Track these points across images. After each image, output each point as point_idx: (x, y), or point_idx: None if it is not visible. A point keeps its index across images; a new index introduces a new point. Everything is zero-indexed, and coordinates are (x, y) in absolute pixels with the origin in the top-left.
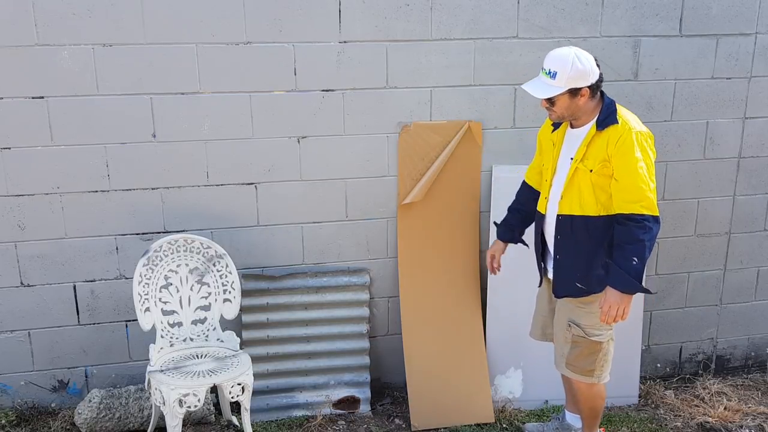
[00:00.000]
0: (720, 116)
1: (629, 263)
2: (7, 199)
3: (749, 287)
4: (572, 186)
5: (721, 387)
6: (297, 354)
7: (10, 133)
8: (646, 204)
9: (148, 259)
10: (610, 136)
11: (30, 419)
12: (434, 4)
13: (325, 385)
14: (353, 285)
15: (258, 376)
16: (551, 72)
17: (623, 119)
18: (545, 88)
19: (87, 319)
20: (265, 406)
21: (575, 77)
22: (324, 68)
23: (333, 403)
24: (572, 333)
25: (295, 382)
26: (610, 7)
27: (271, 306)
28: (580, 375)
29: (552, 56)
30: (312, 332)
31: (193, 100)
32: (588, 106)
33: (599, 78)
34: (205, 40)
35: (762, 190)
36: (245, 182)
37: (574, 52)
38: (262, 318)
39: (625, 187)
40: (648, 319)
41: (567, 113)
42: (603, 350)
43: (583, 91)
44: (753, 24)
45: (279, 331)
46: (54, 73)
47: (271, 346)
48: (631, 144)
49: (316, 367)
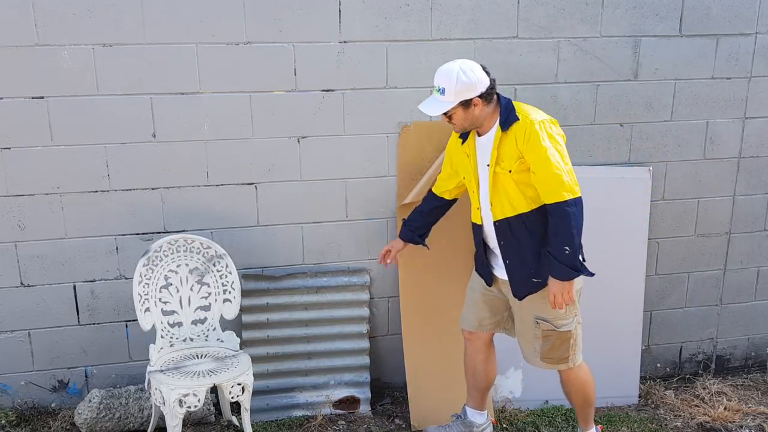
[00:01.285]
0: (720, 116)
1: (562, 253)
2: (7, 199)
3: (749, 287)
4: (497, 190)
5: (721, 387)
6: (297, 354)
7: (10, 133)
8: (566, 188)
9: (148, 259)
10: (516, 133)
11: (30, 419)
12: (434, 4)
13: (325, 385)
14: (353, 285)
15: (258, 376)
16: (440, 89)
17: (523, 113)
18: (437, 104)
19: (87, 319)
20: (265, 406)
21: (462, 90)
22: (324, 68)
23: (333, 403)
24: (541, 329)
25: (295, 382)
26: (610, 7)
27: (271, 306)
28: (557, 364)
29: (439, 73)
30: (312, 332)
31: (193, 100)
32: (485, 113)
33: (490, 85)
34: (205, 40)
35: (762, 190)
36: (245, 182)
37: (459, 65)
38: (262, 318)
39: (543, 178)
40: (648, 319)
41: (467, 124)
42: (573, 337)
43: (475, 101)
44: (753, 24)
45: (279, 331)
46: (54, 73)
47: (271, 346)
48: (537, 135)
49: (316, 367)
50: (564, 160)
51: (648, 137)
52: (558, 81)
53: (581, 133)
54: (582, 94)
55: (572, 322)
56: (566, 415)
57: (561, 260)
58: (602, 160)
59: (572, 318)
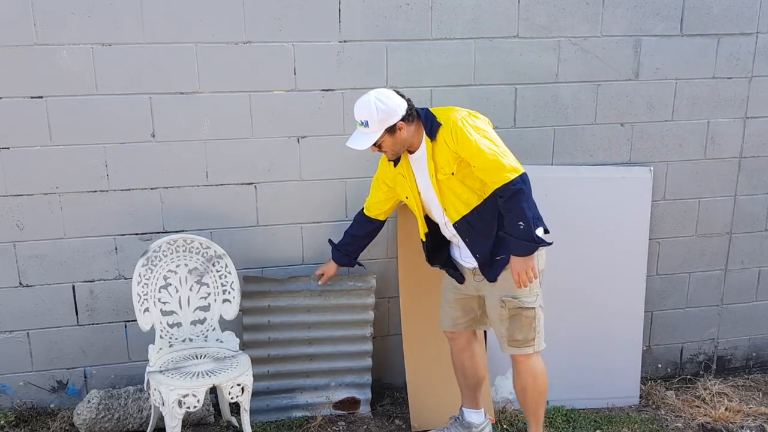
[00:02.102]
0: (721, 116)
1: (517, 229)
2: (5, 199)
3: (750, 287)
4: (446, 195)
5: (722, 387)
6: (298, 356)
7: (9, 133)
8: (507, 170)
9: (147, 259)
10: (444, 137)
11: (29, 420)
12: (434, 3)
13: (325, 387)
14: (358, 289)
15: (259, 378)
16: (363, 122)
17: (444, 116)
18: (364, 138)
19: (86, 319)
20: (265, 407)
21: (385, 118)
22: (324, 68)
23: (333, 404)
24: (507, 307)
25: (295, 384)
26: (610, 7)
27: (272, 308)
28: (524, 347)
29: (357, 107)
30: (314, 335)
31: (192, 100)
32: (410, 132)
33: (408, 106)
34: (205, 39)
35: (763, 190)
36: (245, 182)
37: (374, 95)
38: (264, 320)
39: (483, 167)
40: (649, 320)
41: (397, 148)
42: (537, 316)
43: (399, 125)
44: (754, 23)
45: (280, 333)
46: (53, 73)
47: (272, 348)
48: (462, 131)
49: (317, 369)
50: (495, 144)
51: (649, 137)
52: (558, 80)
53: (582, 133)
54: (583, 93)
55: (536, 300)
56: (567, 416)
57: (518, 236)
58: (603, 160)
59: (535, 297)
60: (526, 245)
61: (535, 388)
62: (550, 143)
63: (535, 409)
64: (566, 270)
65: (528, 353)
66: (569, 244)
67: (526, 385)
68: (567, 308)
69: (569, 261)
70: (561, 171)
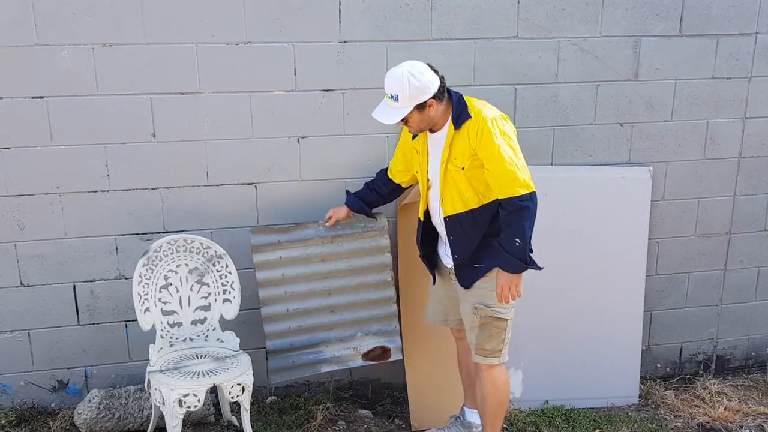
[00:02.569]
0: (720, 116)
1: (513, 245)
2: (6, 199)
3: (749, 287)
4: (448, 187)
5: (722, 387)
6: (319, 308)
7: (10, 133)
8: (520, 184)
9: (147, 259)
10: (468, 131)
11: (30, 419)
12: (434, 4)
13: (351, 338)
14: (369, 230)
15: (280, 335)
16: (393, 95)
17: (476, 110)
18: (392, 112)
19: (87, 319)
20: (291, 364)
21: (416, 94)
22: (324, 68)
23: (362, 355)
24: (479, 315)
25: (319, 337)
26: (610, 7)
27: (285, 260)
28: (490, 357)
29: (389, 79)
30: (332, 285)
31: (192, 100)
32: (439, 112)
33: (441, 83)
34: (205, 40)
35: (762, 190)
36: (245, 182)
37: (407, 69)
38: (278, 274)
39: (497, 174)
40: (648, 319)
41: (423, 125)
42: (507, 328)
43: (429, 102)
44: (753, 24)
45: (297, 286)
46: (54, 73)
47: (290, 303)
48: (489, 132)
49: (340, 320)
50: (517, 155)
51: (648, 137)
52: (558, 81)
53: (581, 133)
54: (582, 94)
55: (509, 311)
56: (566, 415)
57: (511, 252)
58: (602, 160)
59: (510, 309)
60: (517, 263)
61: (495, 397)
62: (549, 143)
63: (492, 419)
64: (566, 270)
65: (492, 363)
66: (568, 244)
67: (487, 394)
68: (566, 308)
69: (569, 261)
70: (560, 171)
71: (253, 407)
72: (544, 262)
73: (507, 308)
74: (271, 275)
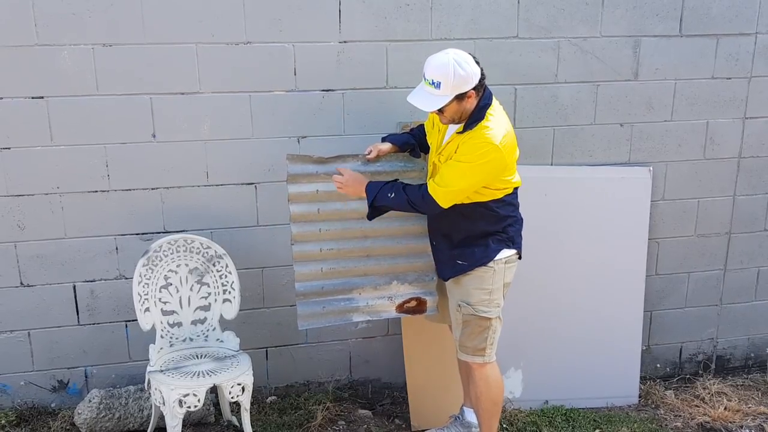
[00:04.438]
0: (720, 116)
1: (387, 192)
2: (6, 199)
3: (749, 287)
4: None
5: (722, 387)
6: (354, 251)
7: (10, 133)
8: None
9: (147, 259)
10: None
11: (30, 419)
12: (434, 4)
13: (386, 285)
14: (411, 170)
15: (311, 277)
16: (434, 82)
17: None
18: (432, 99)
19: (87, 319)
20: (321, 309)
21: (459, 84)
22: (324, 68)
23: (397, 306)
24: (462, 313)
25: (353, 282)
26: (610, 7)
27: (321, 195)
28: (473, 355)
29: (433, 65)
30: (369, 226)
31: (192, 100)
32: (474, 105)
33: (482, 76)
34: (205, 40)
35: (762, 190)
36: (245, 182)
37: (453, 57)
38: (313, 209)
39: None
40: (648, 320)
41: (457, 116)
42: (492, 327)
43: (469, 93)
44: (753, 24)
45: (332, 225)
46: (54, 73)
47: (323, 242)
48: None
49: (376, 266)
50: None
51: (648, 137)
52: (558, 81)
53: (581, 133)
54: (582, 94)
55: (493, 311)
56: (566, 415)
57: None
58: (602, 160)
59: (494, 308)
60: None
61: (489, 396)
62: (549, 143)
63: (488, 418)
64: (565, 270)
65: (478, 362)
66: (568, 244)
67: (480, 393)
68: (566, 308)
69: (568, 261)
70: (560, 171)
71: (253, 407)
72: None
73: (491, 307)
74: (307, 209)
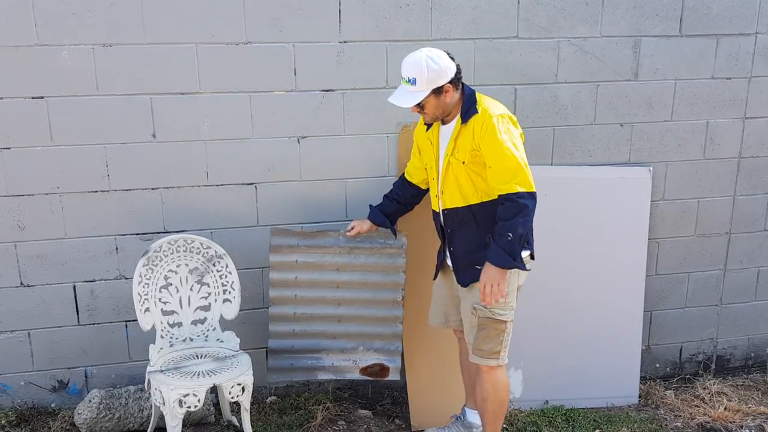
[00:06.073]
0: (720, 116)
1: (504, 239)
2: (6, 199)
3: (749, 287)
4: (448, 180)
5: (722, 387)
6: (326, 316)
7: (10, 133)
8: (518, 180)
9: (147, 259)
10: (474, 126)
11: (30, 419)
12: (434, 4)
13: (353, 350)
14: (389, 248)
15: (283, 336)
16: (410, 79)
17: (483, 107)
18: (410, 96)
19: (87, 319)
20: (289, 366)
21: (434, 78)
22: (324, 68)
23: (360, 369)
24: (478, 316)
25: (321, 344)
26: (610, 7)
27: (300, 264)
28: (488, 359)
29: (407, 63)
30: (343, 295)
31: (192, 100)
32: (454, 99)
33: (457, 70)
34: (205, 40)
35: (762, 190)
36: (245, 182)
37: (426, 53)
38: (291, 276)
39: (498, 170)
40: (648, 320)
41: (438, 112)
42: (506, 330)
43: (446, 87)
44: (753, 24)
45: (308, 291)
46: (54, 73)
47: (298, 306)
48: (494, 129)
49: (345, 332)
50: (519, 153)
51: (648, 137)
52: (558, 81)
53: (581, 133)
54: (582, 94)
55: (509, 314)
56: (566, 415)
57: (500, 244)
58: (602, 160)
59: (509, 311)
60: (504, 256)
61: (496, 399)
62: (549, 143)
63: (493, 420)
64: (565, 270)
65: (491, 365)
66: (568, 244)
67: (487, 395)
68: (566, 308)
69: (569, 261)
70: (560, 171)
71: (253, 407)
72: (543, 261)
73: (506, 310)
74: (285, 277)
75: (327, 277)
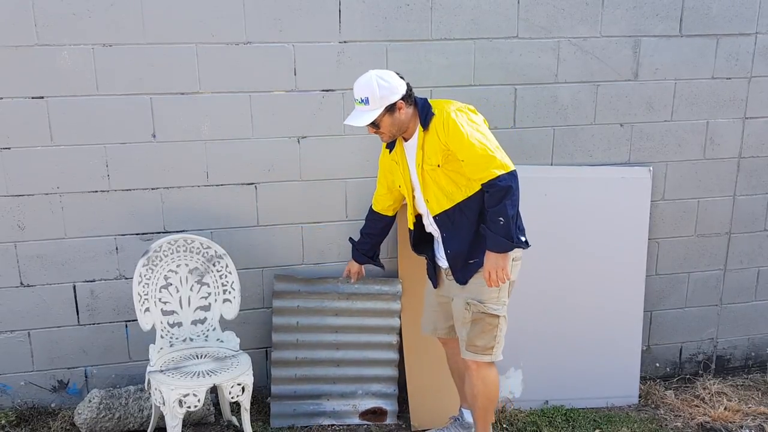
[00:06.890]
0: (720, 116)
1: (497, 225)
2: (7, 199)
3: (749, 287)
4: (428, 187)
5: (722, 387)
6: (325, 360)
7: (10, 133)
8: (495, 165)
9: (147, 259)
10: (436, 128)
11: (30, 419)
12: (434, 4)
13: (352, 394)
14: (385, 294)
15: (286, 381)
16: (363, 99)
17: (439, 108)
18: (364, 115)
19: (87, 319)
20: (292, 411)
21: (386, 95)
22: (324, 68)
23: (360, 414)
24: (471, 311)
25: (322, 389)
26: (610, 7)
27: (301, 309)
28: (482, 354)
29: (358, 85)
30: (341, 339)
31: (192, 100)
32: (408, 115)
33: (408, 88)
34: (205, 40)
35: (762, 190)
36: (245, 182)
37: (375, 74)
38: (293, 321)
39: (472, 162)
40: (648, 320)
41: (394, 129)
42: (500, 325)
43: (399, 104)
44: (753, 24)
45: (308, 335)
46: (54, 73)
47: (300, 351)
48: (455, 124)
49: (344, 375)
50: (487, 138)
51: (648, 137)
52: (558, 81)
53: (581, 133)
54: (582, 94)
55: (502, 308)
56: (566, 415)
57: (495, 231)
58: (602, 160)
59: (502, 305)
60: (502, 241)
61: (486, 394)
62: (549, 143)
63: (483, 415)
64: (566, 270)
65: (485, 361)
66: (568, 244)
67: (477, 391)
68: (566, 308)
69: (568, 261)
70: (560, 171)
71: (253, 407)
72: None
73: (499, 304)
74: (287, 322)
75: (326, 321)
